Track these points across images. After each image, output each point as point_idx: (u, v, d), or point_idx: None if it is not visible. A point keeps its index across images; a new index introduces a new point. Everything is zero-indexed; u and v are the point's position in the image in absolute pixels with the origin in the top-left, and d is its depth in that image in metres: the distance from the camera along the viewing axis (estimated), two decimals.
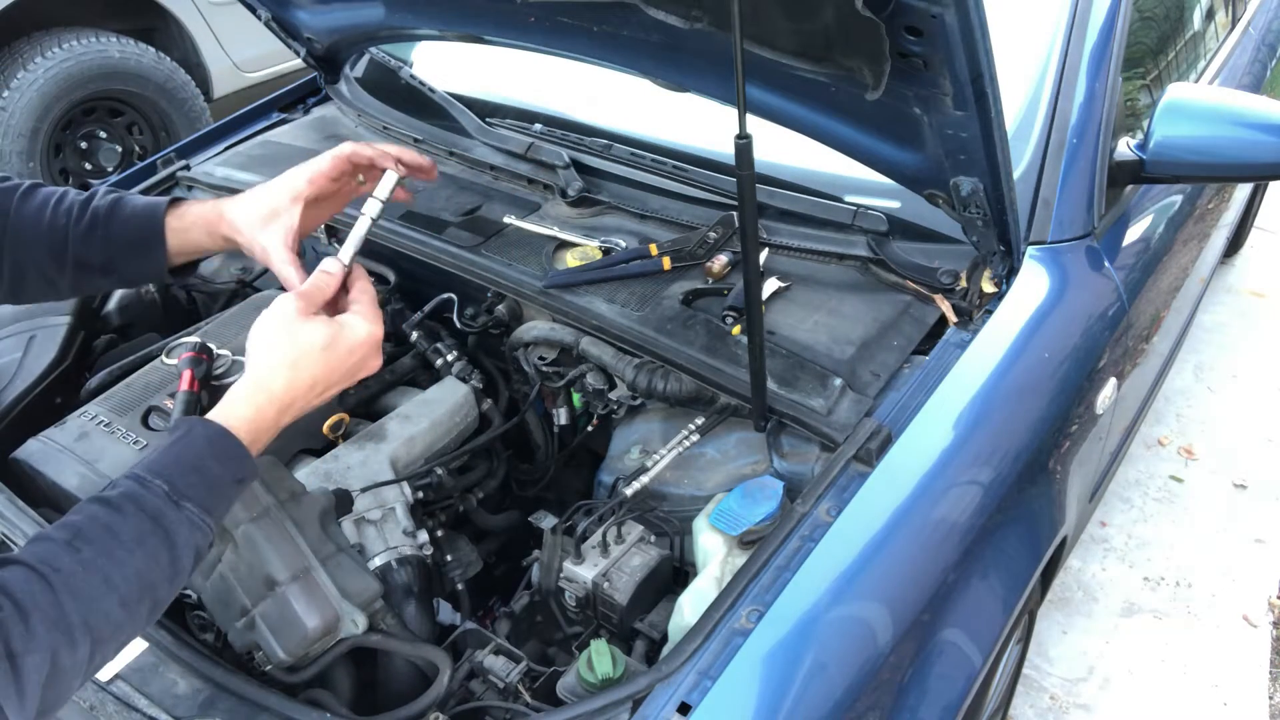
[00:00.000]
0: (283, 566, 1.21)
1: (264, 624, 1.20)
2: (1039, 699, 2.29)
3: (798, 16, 1.23)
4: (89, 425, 1.55)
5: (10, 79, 3.53)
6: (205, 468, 0.92)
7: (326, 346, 1.00)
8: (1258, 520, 2.79)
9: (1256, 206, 3.87)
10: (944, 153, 1.32)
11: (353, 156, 1.25)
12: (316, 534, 1.27)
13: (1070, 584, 2.57)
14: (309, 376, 0.99)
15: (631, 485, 1.45)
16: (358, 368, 1.03)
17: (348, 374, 1.02)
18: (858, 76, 1.24)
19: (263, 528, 1.22)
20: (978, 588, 1.37)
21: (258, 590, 1.21)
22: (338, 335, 1.01)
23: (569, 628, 1.44)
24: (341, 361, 1.01)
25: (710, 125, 1.62)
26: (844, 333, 1.51)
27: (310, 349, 1.00)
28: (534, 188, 1.93)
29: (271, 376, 0.99)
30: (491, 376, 1.80)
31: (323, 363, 1.00)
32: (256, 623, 1.21)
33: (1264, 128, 1.68)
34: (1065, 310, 1.64)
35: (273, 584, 1.20)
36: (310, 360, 0.99)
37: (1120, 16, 1.85)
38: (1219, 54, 2.57)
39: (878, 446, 1.30)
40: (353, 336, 1.02)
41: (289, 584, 1.20)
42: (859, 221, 1.65)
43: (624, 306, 1.58)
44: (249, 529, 1.21)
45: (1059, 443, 1.60)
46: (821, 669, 1.14)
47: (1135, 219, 1.89)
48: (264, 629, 1.20)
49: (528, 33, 1.71)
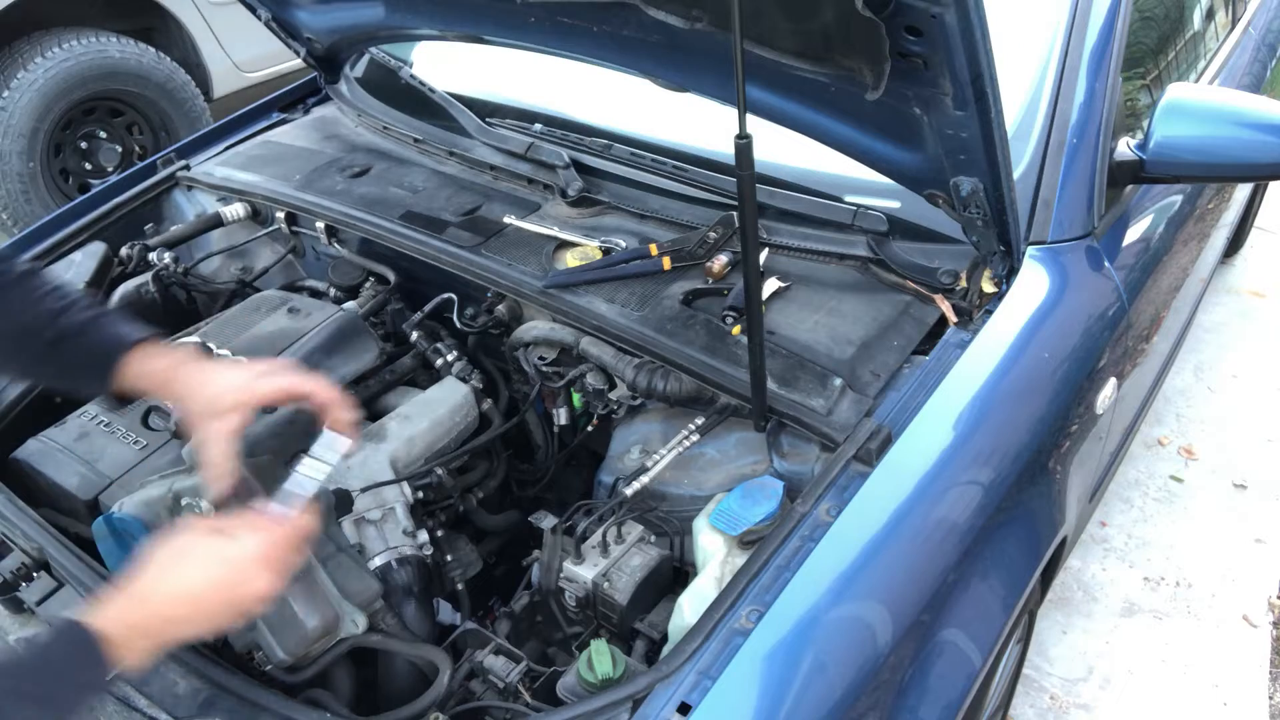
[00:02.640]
0: None
1: (264, 624, 1.20)
2: (1039, 699, 2.29)
3: (798, 16, 1.23)
4: (89, 425, 1.55)
5: (10, 79, 3.53)
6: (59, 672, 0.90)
7: (208, 560, 0.99)
8: (1258, 520, 2.79)
9: (1256, 206, 3.87)
10: (944, 153, 1.32)
11: (291, 390, 1.22)
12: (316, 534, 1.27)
13: (1070, 584, 2.57)
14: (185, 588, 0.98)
15: (631, 485, 1.45)
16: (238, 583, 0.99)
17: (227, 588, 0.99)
18: (858, 76, 1.24)
19: None
20: (978, 588, 1.37)
21: None
22: (221, 550, 1.00)
23: (569, 628, 1.44)
24: (219, 575, 0.99)
25: (710, 125, 1.62)
26: (844, 333, 1.51)
27: (190, 561, 0.99)
28: (534, 188, 1.93)
29: (152, 584, 0.98)
30: (491, 376, 1.80)
31: (200, 575, 0.98)
32: (256, 623, 1.21)
33: (1264, 128, 1.68)
34: (1065, 310, 1.64)
35: None
36: (188, 572, 0.98)
37: (1120, 16, 1.85)
38: (1219, 54, 2.57)
39: (878, 446, 1.30)
40: (233, 551, 1.00)
41: (289, 584, 1.20)
42: (859, 221, 1.64)
43: (624, 306, 1.58)
44: None
45: (1059, 443, 1.60)
46: (821, 669, 1.14)
47: (1135, 219, 1.89)
48: (264, 629, 1.20)
49: (528, 33, 1.71)
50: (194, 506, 1.25)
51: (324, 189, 1.96)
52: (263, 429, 1.54)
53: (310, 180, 1.99)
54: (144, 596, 0.97)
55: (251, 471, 1.26)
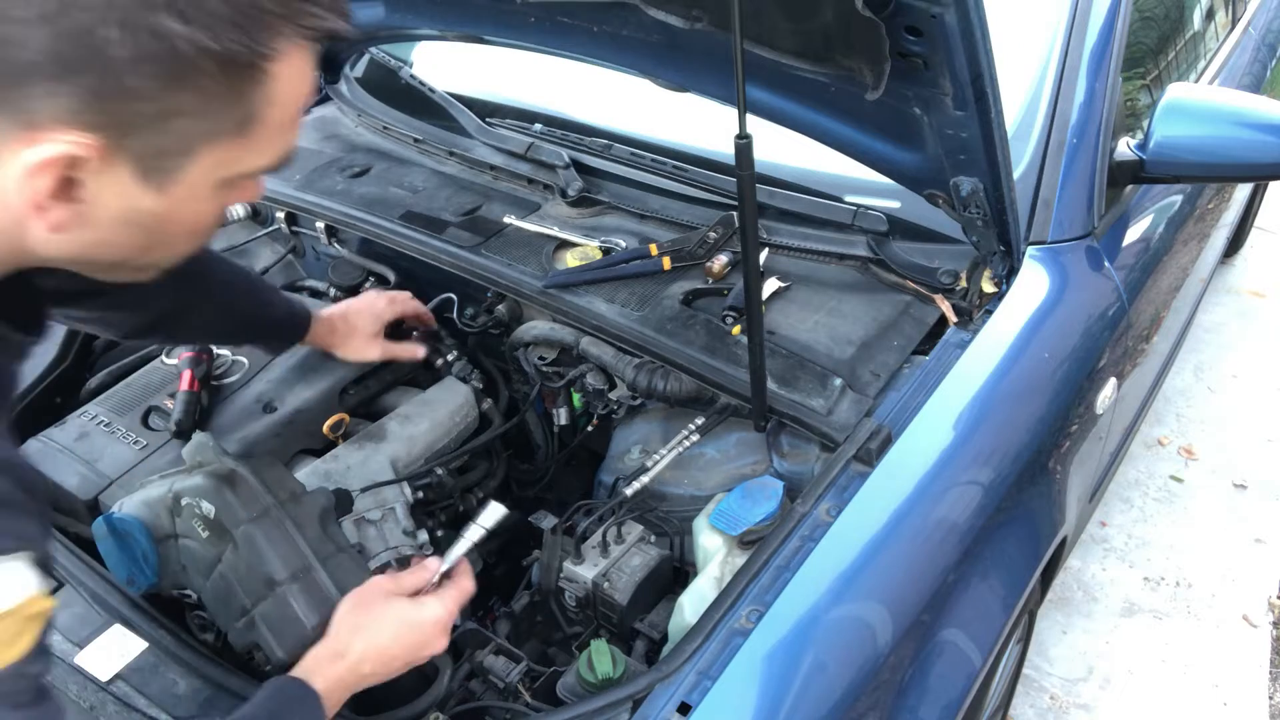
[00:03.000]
0: (282, 566, 1.21)
1: (264, 624, 1.20)
2: (1039, 699, 2.29)
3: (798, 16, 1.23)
4: (89, 425, 1.55)
5: None
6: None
7: (398, 622, 1.11)
8: (1258, 520, 2.79)
9: (1256, 206, 3.87)
10: (944, 153, 1.32)
11: (411, 313, 1.70)
12: (316, 534, 1.27)
13: (1070, 584, 2.57)
14: (377, 647, 1.09)
15: (631, 485, 1.45)
16: (422, 644, 1.12)
17: (412, 648, 1.12)
18: (858, 76, 1.24)
19: (262, 527, 1.22)
20: (978, 588, 1.37)
21: (257, 590, 1.21)
22: (409, 615, 1.12)
23: (569, 628, 1.44)
24: (406, 637, 1.11)
25: (710, 125, 1.62)
26: (844, 333, 1.51)
27: (382, 623, 1.10)
28: (534, 188, 1.93)
29: (348, 643, 1.09)
30: (491, 376, 1.80)
31: (390, 635, 1.10)
32: (256, 623, 1.21)
33: (1264, 128, 1.68)
34: (1065, 310, 1.64)
35: (272, 584, 1.20)
36: (381, 632, 1.10)
37: (1120, 16, 1.85)
38: (1219, 54, 2.57)
39: (878, 446, 1.30)
40: (421, 616, 1.12)
41: (289, 584, 1.20)
42: (859, 221, 1.64)
43: (624, 306, 1.58)
44: (249, 529, 1.21)
45: (1059, 443, 1.60)
46: (821, 669, 1.14)
47: (1135, 219, 1.89)
48: (264, 629, 1.20)
49: (528, 33, 1.71)
50: (194, 506, 1.25)
51: (324, 189, 1.96)
52: (263, 429, 1.54)
53: (310, 180, 1.99)
54: (344, 654, 1.08)
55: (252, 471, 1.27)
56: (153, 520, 1.30)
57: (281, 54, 0.72)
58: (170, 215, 0.78)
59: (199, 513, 1.25)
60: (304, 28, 0.73)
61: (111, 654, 1.23)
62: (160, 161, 0.74)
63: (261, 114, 0.75)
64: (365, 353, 1.61)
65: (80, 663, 1.22)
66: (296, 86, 0.77)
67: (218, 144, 0.75)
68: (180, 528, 1.28)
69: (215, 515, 1.24)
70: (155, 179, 0.74)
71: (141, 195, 0.75)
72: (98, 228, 0.76)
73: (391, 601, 1.12)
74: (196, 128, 0.73)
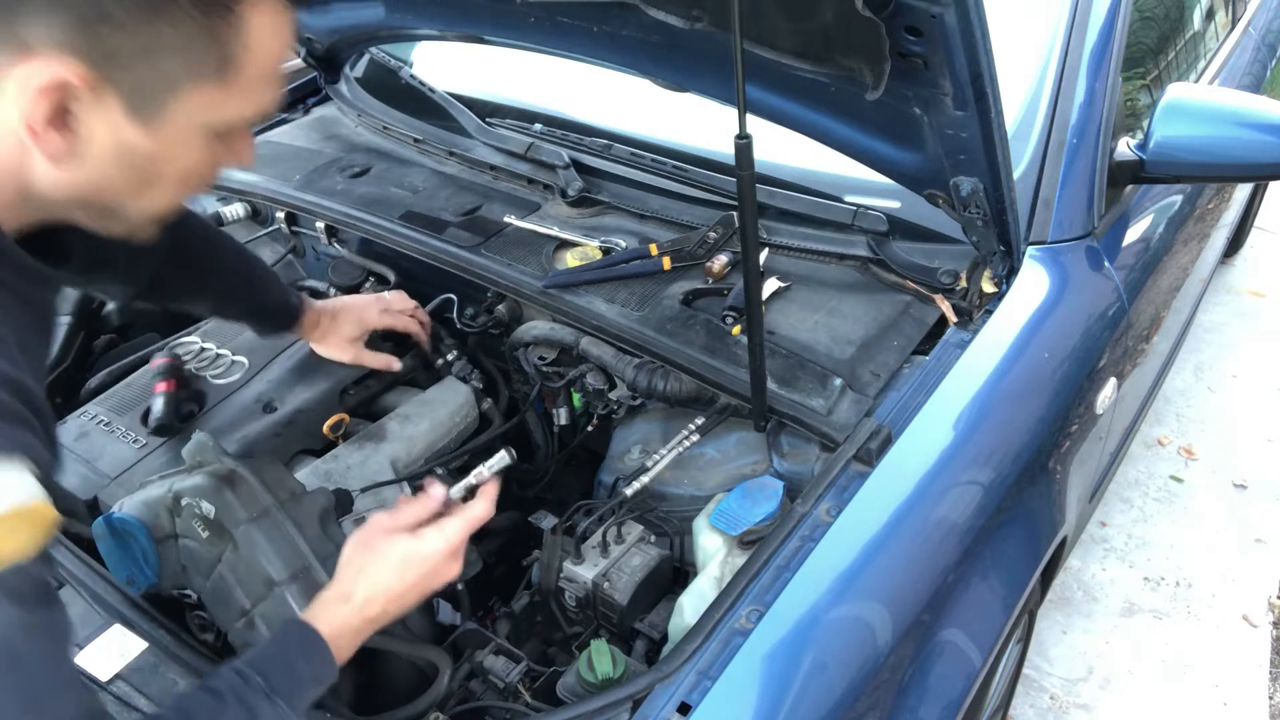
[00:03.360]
0: (282, 566, 1.21)
1: (264, 624, 1.20)
2: (1039, 699, 2.29)
3: (798, 16, 1.23)
4: (89, 425, 1.55)
5: None
6: (296, 667, 1.01)
7: (401, 560, 1.09)
8: (1258, 520, 2.79)
9: (1256, 206, 3.87)
10: (944, 153, 1.32)
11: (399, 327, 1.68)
12: (316, 534, 1.27)
13: (1070, 584, 2.57)
14: (383, 586, 1.08)
15: (631, 485, 1.45)
16: (430, 576, 1.11)
17: (420, 581, 1.11)
18: (858, 76, 1.24)
19: (262, 527, 1.22)
20: (978, 588, 1.37)
21: (258, 590, 1.21)
22: (413, 550, 1.10)
23: (569, 628, 1.44)
24: (413, 571, 1.10)
25: (710, 125, 1.62)
26: (844, 333, 1.51)
27: (385, 562, 1.09)
28: (534, 188, 1.93)
29: (352, 586, 1.08)
30: (491, 376, 1.80)
31: (396, 574, 1.09)
32: (256, 623, 1.21)
33: (1264, 128, 1.68)
34: (1065, 310, 1.64)
35: (272, 584, 1.20)
36: (384, 572, 1.09)
37: (1120, 16, 1.85)
38: (1219, 54, 2.57)
39: (878, 446, 1.30)
40: (425, 549, 1.10)
41: (288, 584, 1.20)
42: (859, 221, 1.64)
43: (624, 306, 1.58)
44: (249, 529, 1.21)
45: (1059, 443, 1.60)
46: (821, 669, 1.14)
47: (1135, 219, 1.89)
48: (264, 629, 1.20)
49: (528, 33, 1.71)
50: (194, 506, 1.25)
51: (324, 189, 1.96)
52: (263, 429, 1.54)
53: (310, 180, 1.99)
54: (349, 598, 1.07)
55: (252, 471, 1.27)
56: (153, 520, 1.30)
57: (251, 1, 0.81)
58: (160, 155, 0.84)
59: (199, 513, 1.25)
60: None
61: (111, 654, 1.23)
62: (146, 97, 0.80)
63: (239, 59, 0.82)
64: (338, 354, 1.62)
65: (80, 663, 1.22)
66: (270, 38, 0.84)
67: (200, 85, 0.81)
68: (180, 528, 1.28)
69: (215, 515, 1.24)
70: (143, 114, 0.80)
71: (131, 131, 0.81)
72: (91, 163, 0.82)
73: (393, 539, 1.11)
74: (178, 65, 0.79)
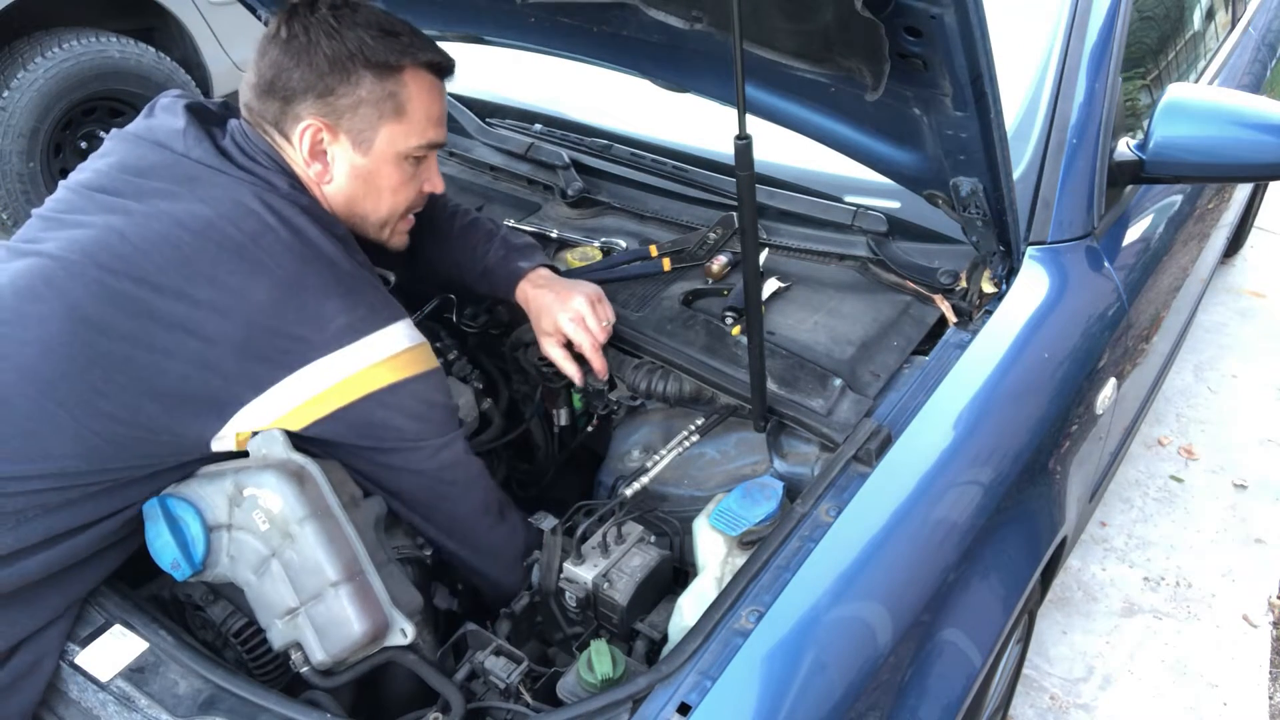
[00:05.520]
0: (341, 567, 1.21)
1: (311, 622, 1.20)
2: (1039, 699, 2.29)
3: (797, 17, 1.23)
4: None
5: (10, 79, 3.53)
6: None
7: None
8: (1258, 520, 2.79)
9: (1256, 206, 3.87)
10: (944, 153, 1.32)
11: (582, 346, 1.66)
12: (372, 540, 1.27)
13: (1070, 584, 2.57)
14: None
15: (631, 486, 1.45)
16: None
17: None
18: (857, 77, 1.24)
19: (326, 527, 1.22)
20: (977, 588, 1.37)
21: (311, 588, 1.21)
22: None
23: (569, 628, 1.44)
24: None
25: (710, 125, 1.62)
26: (844, 333, 1.51)
27: None
28: (534, 188, 1.93)
29: None
30: (491, 376, 1.80)
31: None
32: (300, 620, 1.20)
33: (1264, 128, 1.67)
34: (1065, 310, 1.64)
35: (328, 582, 1.20)
36: None
37: (1120, 16, 1.85)
38: (1219, 54, 2.57)
39: (878, 447, 1.30)
40: None
41: (344, 583, 1.20)
42: (859, 222, 1.64)
43: (624, 307, 1.58)
44: (312, 526, 1.21)
45: (1059, 443, 1.60)
46: (821, 669, 1.14)
47: (1135, 219, 1.89)
48: (309, 627, 1.20)
49: (528, 33, 1.71)
50: (257, 499, 1.24)
51: None
52: None
53: None
54: None
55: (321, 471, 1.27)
56: (209, 508, 1.28)
57: (408, 68, 1.34)
58: (376, 172, 1.37)
59: (262, 505, 1.24)
60: (417, 55, 1.35)
61: (111, 654, 1.23)
62: (361, 134, 1.34)
63: (409, 105, 1.35)
64: (538, 339, 1.60)
65: (80, 663, 1.23)
66: (427, 90, 1.38)
67: (389, 123, 1.35)
68: (238, 519, 1.26)
69: (280, 510, 1.23)
70: (361, 145, 1.35)
71: (356, 156, 1.36)
72: (340, 179, 1.37)
73: None
74: (374, 112, 1.33)
